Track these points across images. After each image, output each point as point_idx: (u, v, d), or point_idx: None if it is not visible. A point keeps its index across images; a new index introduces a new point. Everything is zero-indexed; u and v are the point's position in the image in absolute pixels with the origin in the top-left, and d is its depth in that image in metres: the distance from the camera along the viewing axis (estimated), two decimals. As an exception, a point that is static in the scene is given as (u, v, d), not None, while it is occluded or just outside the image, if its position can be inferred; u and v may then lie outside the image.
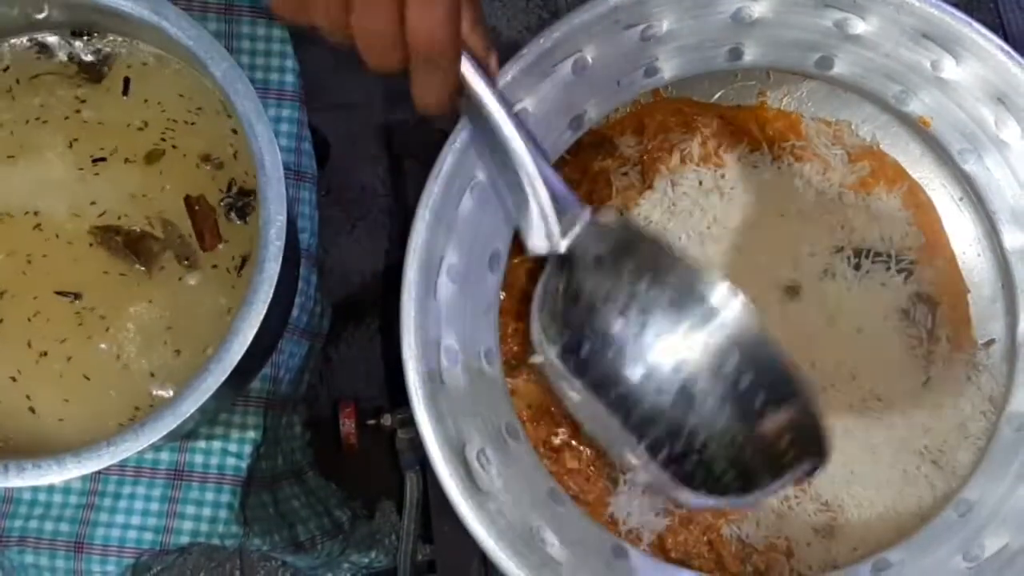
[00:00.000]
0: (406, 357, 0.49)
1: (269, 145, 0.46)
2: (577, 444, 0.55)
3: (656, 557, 0.53)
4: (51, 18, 0.50)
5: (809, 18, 0.55)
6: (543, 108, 0.52)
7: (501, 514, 0.48)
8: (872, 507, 0.55)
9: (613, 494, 0.55)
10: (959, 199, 0.60)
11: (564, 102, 0.53)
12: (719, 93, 0.61)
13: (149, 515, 0.57)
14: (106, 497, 0.57)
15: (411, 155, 0.70)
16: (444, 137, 0.51)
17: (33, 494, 0.57)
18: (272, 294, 0.44)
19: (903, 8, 0.54)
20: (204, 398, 0.44)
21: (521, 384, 0.55)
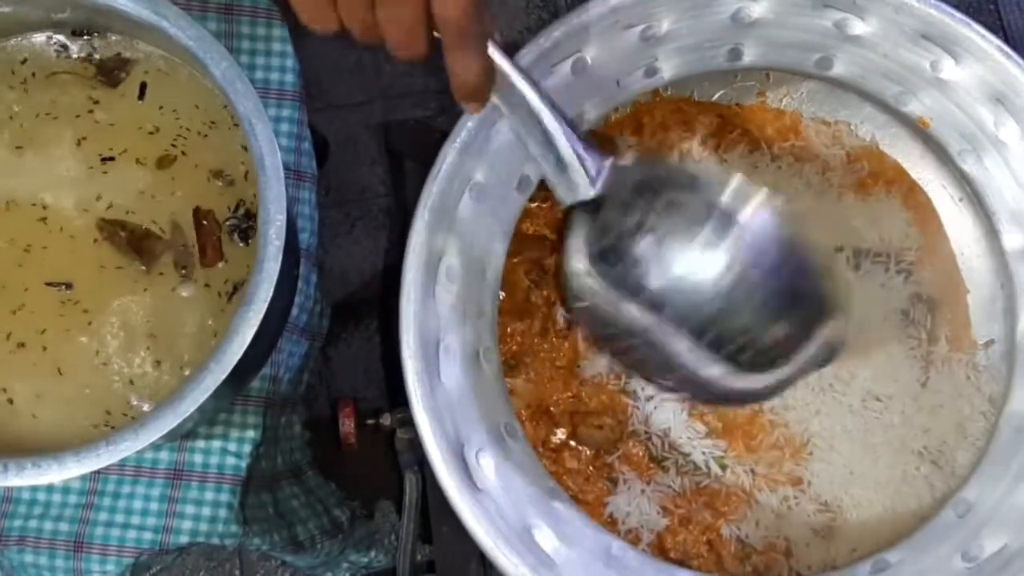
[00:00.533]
0: (405, 357, 0.49)
1: (269, 145, 0.46)
2: (576, 444, 0.55)
3: (655, 557, 0.53)
4: (60, 18, 0.50)
5: (808, 19, 0.55)
6: (543, 108, 0.52)
7: (500, 514, 0.48)
8: (871, 507, 0.55)
9: (612, 494, 0.55)
10: (959, 200, 0.60)
11: (564, 102, 0.53)
12: (719, 93, 0.61)
13: (148, 515, 0.57)
14: (105, 497, 0.57)
15: (411, 155, 0.70)
16: (444, 137, 0.51)
17: (32, 494, 0.57)
18: (272, 294, 0.44)
19: (903, 9, 0.54)
20: (204, 397, 0.43)
21: (520, 384, 0.55)
